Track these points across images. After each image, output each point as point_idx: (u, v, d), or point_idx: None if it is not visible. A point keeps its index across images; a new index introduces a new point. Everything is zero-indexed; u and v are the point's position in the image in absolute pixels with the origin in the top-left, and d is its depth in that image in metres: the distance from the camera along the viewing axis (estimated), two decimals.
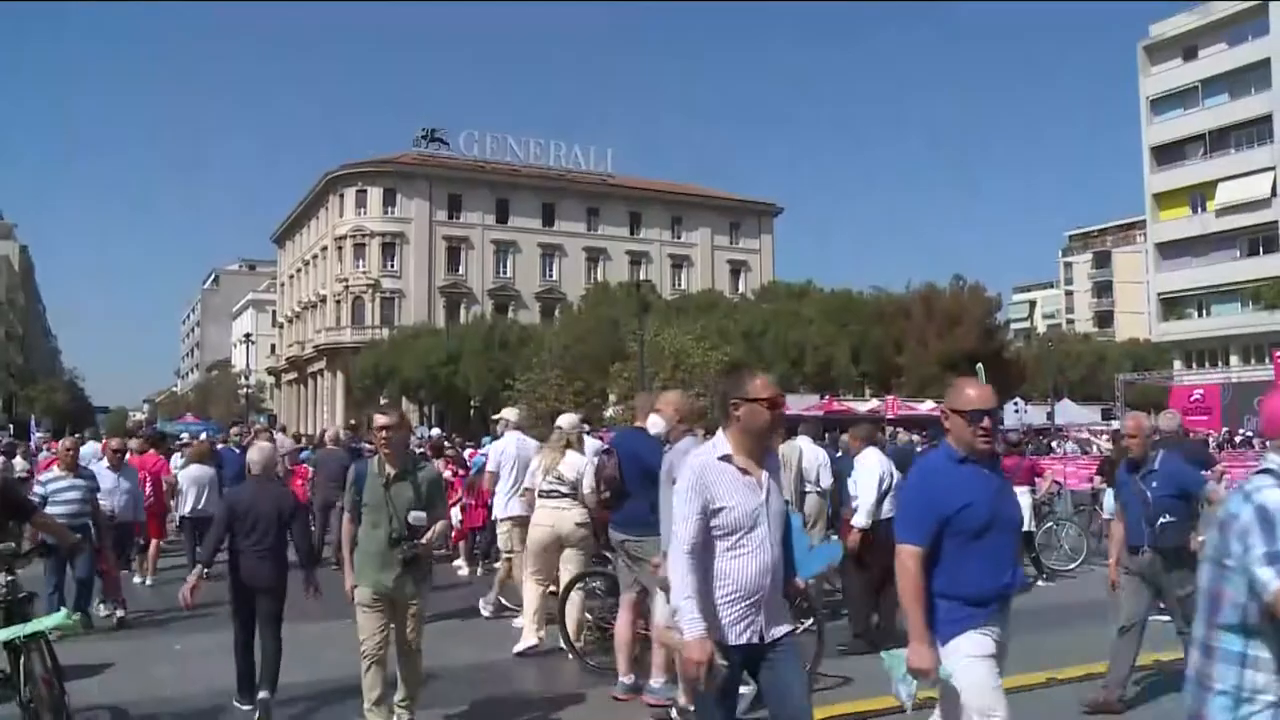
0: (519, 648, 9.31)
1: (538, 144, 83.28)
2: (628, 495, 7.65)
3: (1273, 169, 65.19)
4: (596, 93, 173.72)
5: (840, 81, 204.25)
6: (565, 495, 9.28)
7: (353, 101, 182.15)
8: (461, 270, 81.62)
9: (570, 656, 8.80)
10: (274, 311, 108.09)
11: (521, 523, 10.21)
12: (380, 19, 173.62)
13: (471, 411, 63.07)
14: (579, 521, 9.23)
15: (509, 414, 12.01)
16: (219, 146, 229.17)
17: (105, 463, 12.20)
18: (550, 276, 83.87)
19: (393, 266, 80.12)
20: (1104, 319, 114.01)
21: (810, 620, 8.09)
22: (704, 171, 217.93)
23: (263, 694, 7.34)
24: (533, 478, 9.66)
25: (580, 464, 9.34)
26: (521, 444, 11.07)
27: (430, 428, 44.84)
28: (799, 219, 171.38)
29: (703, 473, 4.31)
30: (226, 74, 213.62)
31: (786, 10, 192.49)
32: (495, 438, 12.94)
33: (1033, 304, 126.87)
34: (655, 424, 7.75)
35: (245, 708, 7.58)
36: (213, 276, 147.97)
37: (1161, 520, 7.44)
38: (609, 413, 40.22)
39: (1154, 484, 7.52)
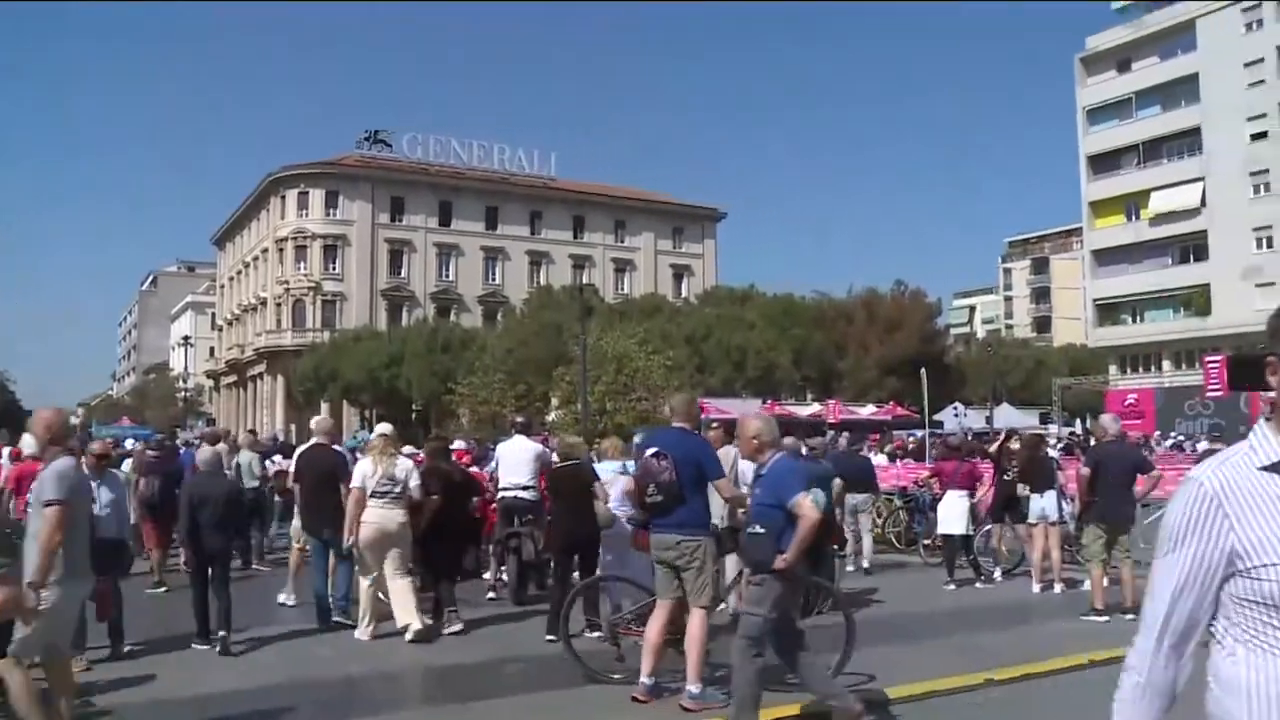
0: (408, 636, 9.96)
1: (481, 147, 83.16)
2: (682, 499, 7.54)
3: (1202, 179, 66.64)
4: (540, 96, 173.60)
5: (783, 88, 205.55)
6: (395, 496, 10.27)
7: (295, 102, 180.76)
8: (404, 273, 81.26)
9: (568, 658, 8.56)
10: (213, 314, 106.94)
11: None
12: (322, 18, 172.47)
13: (413, 415, 62.81)
14: (401, 521, 10.29)
15: (316, 422, 12.69)
16: (158, 146, 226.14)
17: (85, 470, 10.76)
18: (493, 280, 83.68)
19: (334, 269, 79.58)
20: (1042, 324, 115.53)
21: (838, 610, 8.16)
22: (647, 176, 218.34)
23: (221, 633, 9.52)
24: (362, 479, 10.29)
25: (408, 467, 10.55)
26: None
27: (371, 432, 44.57)
28: (742, 224, 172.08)
29: (1224, 494, 2.26)
30: (166, 73, 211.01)
31: (728, 14, 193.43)
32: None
33: (972, 309, 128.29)
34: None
35: (203, 647, 9.57)
36: (151, 278, 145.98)
37: (749, 530, 6.97)
38: (551, 416, 40.22)
39: (757, 490, 7.10)
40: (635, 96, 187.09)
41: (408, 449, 13.94)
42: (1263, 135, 64.13)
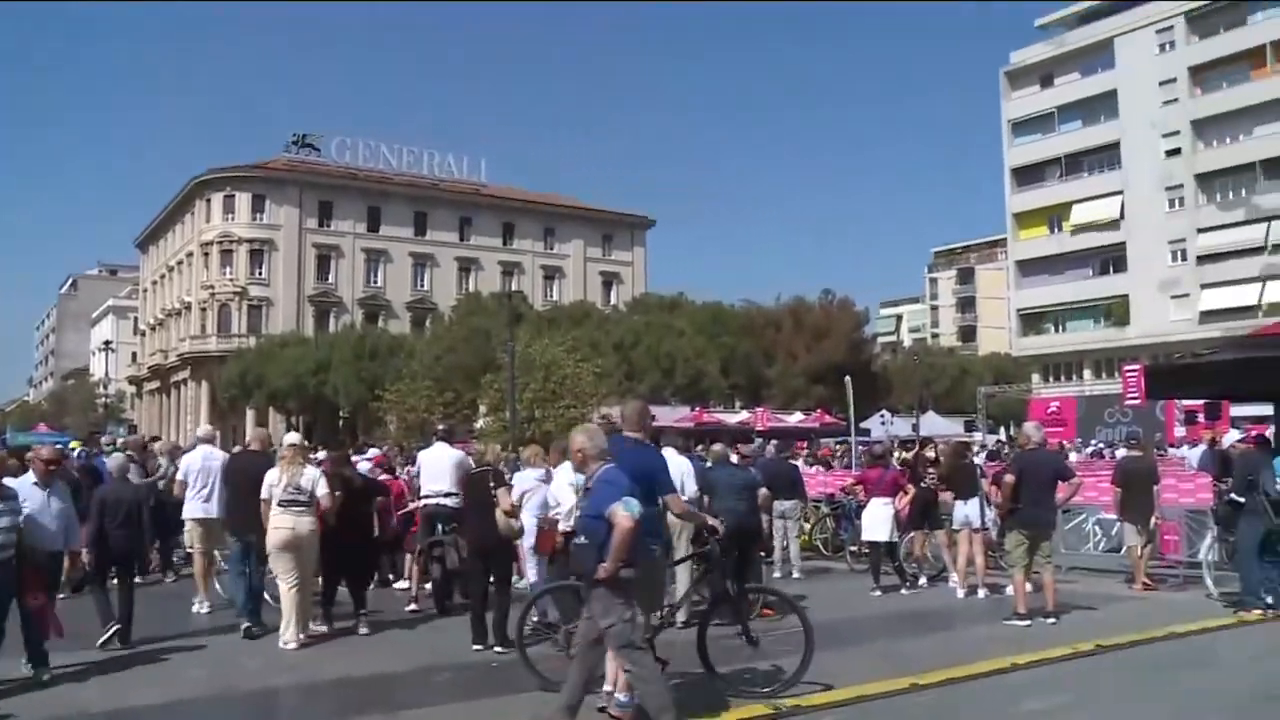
0: (281, 641, 10.21)
1: (410, 152, 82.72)
2: None
3: (1121, 193, 68.21)
4: (471, 102, 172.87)
5: (712, 97, 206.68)
6: (303, 504, 10.44)
7: (222, 104, 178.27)
8: (331, 279, 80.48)
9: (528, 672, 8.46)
10: (136, 318, 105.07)
11: (203, 524, 12.46)
12: (251, 19, 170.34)
13: (341, 422, 62.20)
14: (311, 528, 10.50)
15: (201, 431, 13.33)
16: (80, 147, 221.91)
17: (31, 477, 9.44)
18: (422, 286, 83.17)
19: (261, 274, 78.59)
20: (967, 333, 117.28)
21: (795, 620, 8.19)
22: (577, 183, 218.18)
23: (117, 626, 10.08)
24: (269, 489, 10.49)
25: (315, 476, 10.69)
26: (208, 456, 12.66)
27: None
28: (671, 232, 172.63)
29: None
30: (88, 72, 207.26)
31: (659, 19, 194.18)
32: (358, 451, 13.27)
33: (899, 318, 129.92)
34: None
35: (105, 637, 9.99)
36: (70, 281, 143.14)
37: (575, 542, 7.10)
38: (479, 423, 40.03)
39: (584, 502, 7.20)
40: (566, 104, 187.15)
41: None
42: (1176, 152, 65.83)
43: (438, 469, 12.49)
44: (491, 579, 10.35)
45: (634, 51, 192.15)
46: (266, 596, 11.13)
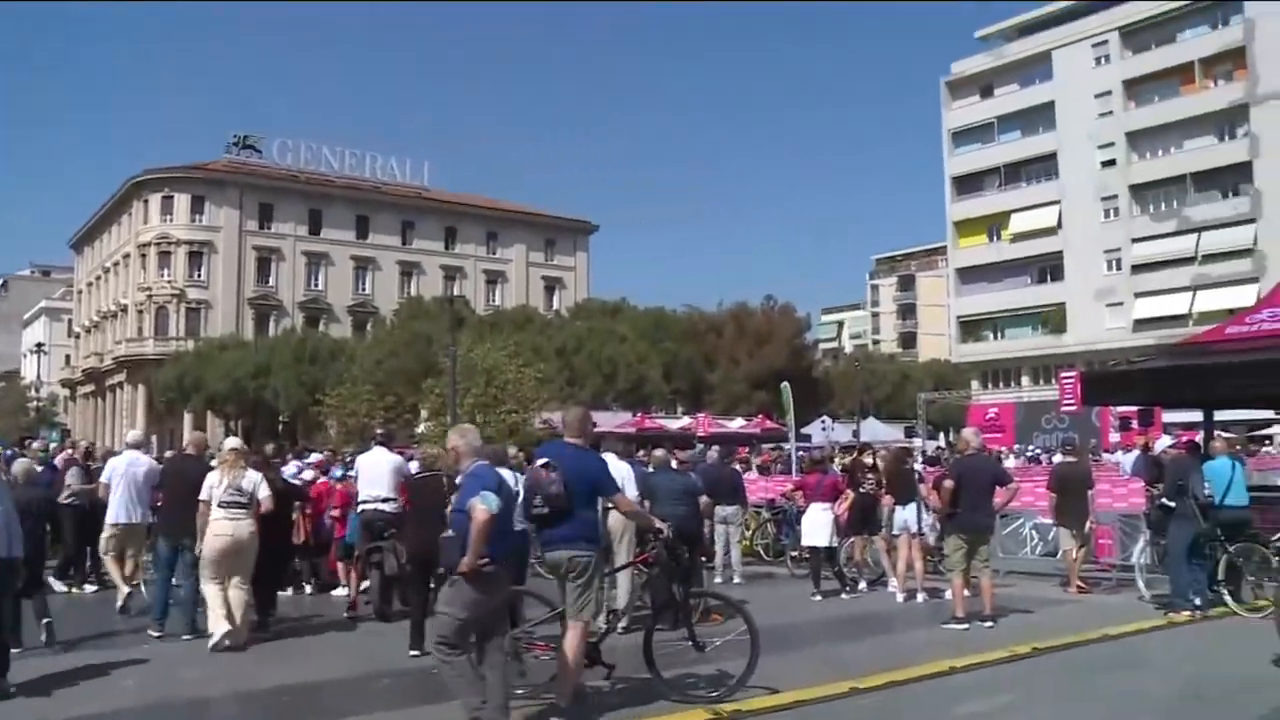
0: (212, 643, 10.17)
1: (352, 155, 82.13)
2: (570, 511, 7.55)
3: (1058, 202, 69.40)
4: (414, 105, 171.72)
5: (653, 101, 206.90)
6: (243, 506, 10.51)
7: (161, 104, 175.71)
8: (272, 281, 79.68)
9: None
10: (70, 320, 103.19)
11: (124, 529, 12.57)
12: (193, 16, 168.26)
13: (280, 426, 61.57)
14: (251, 531, 10.54)
15: (130, 436, 13.50)
16: (11, 144, 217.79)
17: None
18: (363, 290, 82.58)
19: (200, 276, 77.60)
20: (908, 340, 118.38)
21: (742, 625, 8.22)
22: (520, 188, 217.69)
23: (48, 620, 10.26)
24: (209, 491, 10.52)
25: (256, 479, 10.70)
26: (134, 462, 12.79)
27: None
28: (614, 237, 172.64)
29: None
30: (22, 68, 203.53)
31: (603, 21, 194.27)
32: (298, 456, 13.28)
33: (841, 324, 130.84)
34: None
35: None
36: (1, 282, 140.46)
37: (444, 535, 7.19)
38: (420, 428, 39.80)
39: (455, 498, 7.33)
40: (510, 108, 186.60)
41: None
42: (1111, 163, 67.13)
43: (376, 473, 12.38)
44: (432, 585, 10.32)
45: (578, 56, 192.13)
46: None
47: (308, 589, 14.47)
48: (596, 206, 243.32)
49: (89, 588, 14.84)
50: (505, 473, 10.62)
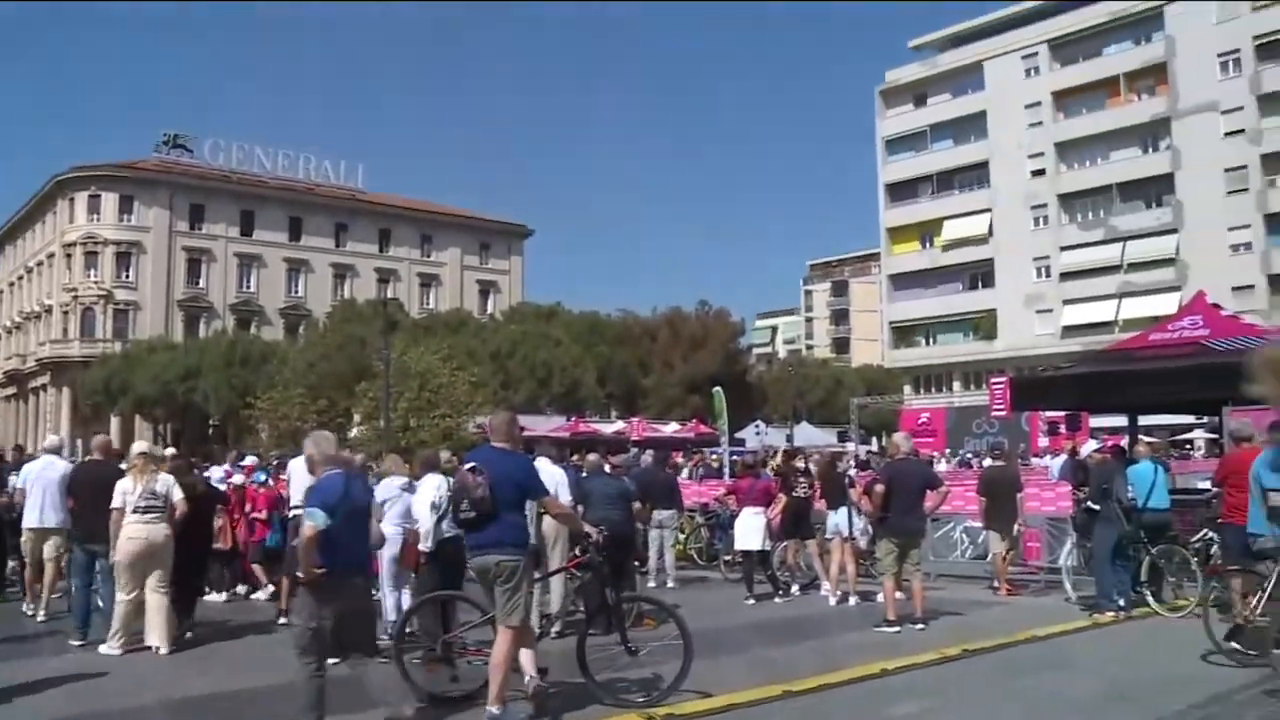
0: (106, 647, 10.18)
1: (286, 155, 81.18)
2: (497, 516, 7.53)
3: (989, 210, 70.44)
4: (349, 105, 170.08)
5: (587, 106, 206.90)
6: (158, 510, 10.48)
7: (88, 99, 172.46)
8: (202, 283, 78.52)
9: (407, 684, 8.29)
10: None
11: (39, 534, 12.19)
12: (122, 11, 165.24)
13: (210, 430, 60.75)
14: (166, 535, 10.51)
15: (48, 440, 13.42)
16: None
17: None
18: (296, 292, 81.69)
19: (128, 277, 76.28)
20: (841, 345, 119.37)
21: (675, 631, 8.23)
22: (456, 191, 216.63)
23: None
24: (123, 497, 10.44)
25: (169, 482, 10.75)
26: (49, 465, 12.56)
27: (165, 447, 42.97)
28: (549, 241, 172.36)
29: None
30: None
31: (537, 26, 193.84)
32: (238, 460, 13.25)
33: (774, 330, 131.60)
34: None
35: None
36: None
37: (292, 543, 7.39)
38: (353, 432, 39.50)
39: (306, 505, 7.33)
40: (444, 111, 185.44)
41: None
42: (1041, 173, 68.34)
43: (308, 478, 12.29)
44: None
45: (512, 59, 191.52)
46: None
47: (225, 595, 14.32)
48: (532, 210, 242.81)
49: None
50: (436, 478, 10.65)
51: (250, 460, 18.19)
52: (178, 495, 10.66)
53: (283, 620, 12.16)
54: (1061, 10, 69.29)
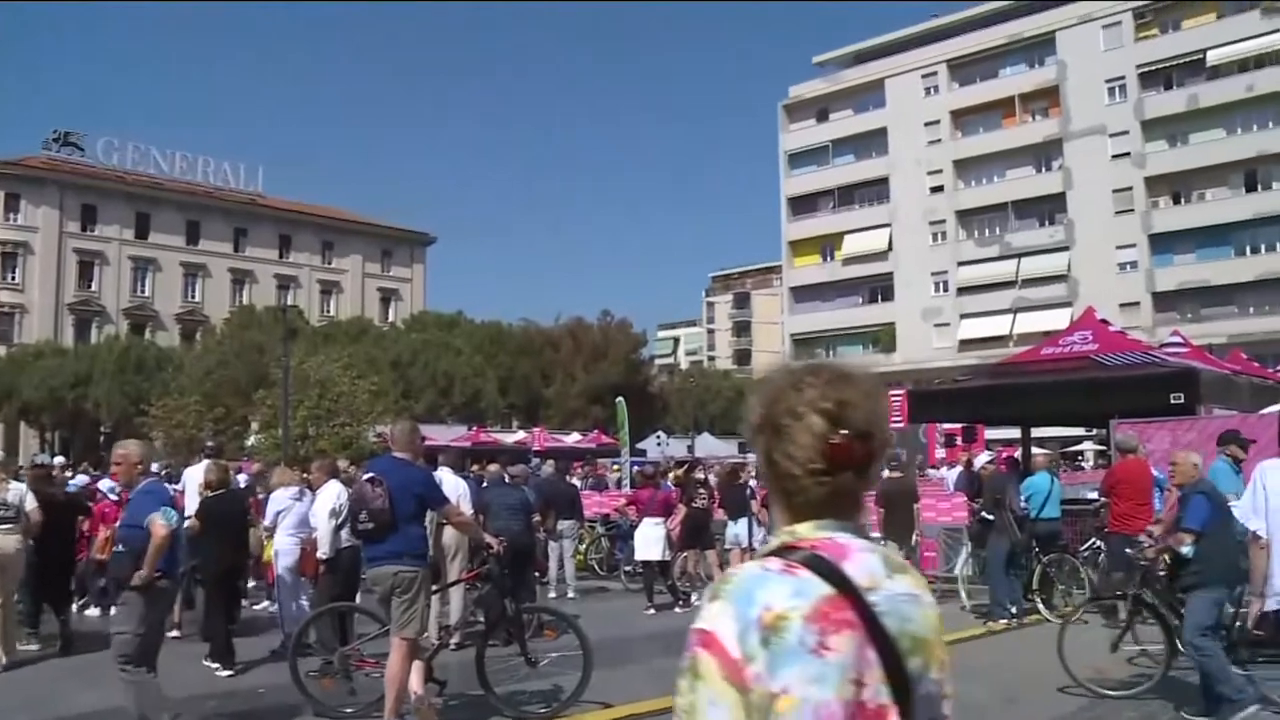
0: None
1: (184, 157, 79.34)
2: (395, 526, 7.45)
3: (889, 225, 71.70)
4: (248, 108, 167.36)
5: (489, 115, 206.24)
6: (10, 520, 10.38)
7: None
8: (94, 286, 76.42)
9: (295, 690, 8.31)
10: None
11: None
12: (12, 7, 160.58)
13: (101, 438, 59.23)
14: (17, 546, 10.42)
15: None
16: None
17: None
18: (193, 297, 79.97)
19: (14, 278, 73.90)
20: (743, 357, 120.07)
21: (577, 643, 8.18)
22: (358, 197, 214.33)
23: None
24: None
25: (21, 491, 10.63)
26: None
27: (53, 455, 41.84)
28: (452, 250, 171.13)
29: None
30: None
31: (444, 30, 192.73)
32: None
33: (677, 341, 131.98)
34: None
35: None
36: None
37: (115, 550, 7.18)
38: (250, 441, 38.86)
39: (125, 513, 7.24)
40: (346, 114, 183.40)
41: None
42: (939, 189, 69.77)
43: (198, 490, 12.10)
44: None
45: (414, 63, 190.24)
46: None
47: (99, 609, 13.90)
48: (434, 218, 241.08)
49: None
50: (336, 486, 10.53)
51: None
52: (31, 505, 10.48)
53: (174, 634, 11.92)
54: (960, 32, 71.12)
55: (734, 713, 1.62)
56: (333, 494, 10.21)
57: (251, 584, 14.05)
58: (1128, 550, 10.02)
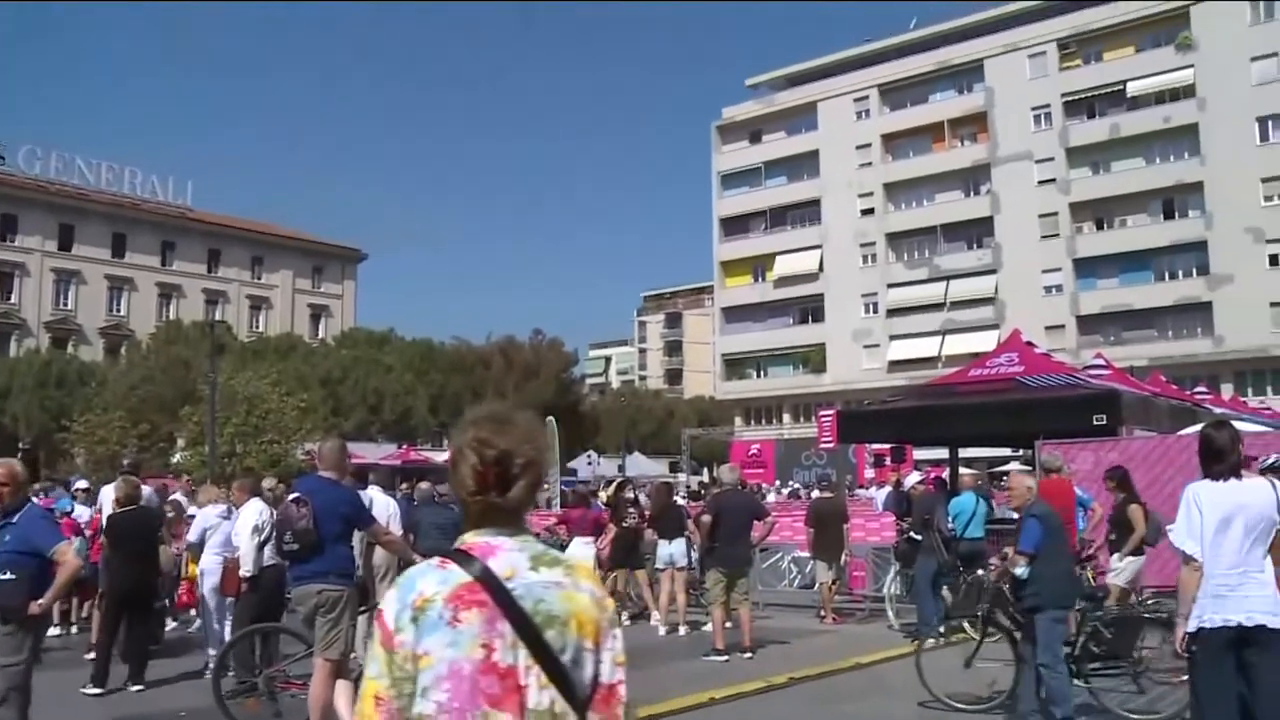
0: None
1: (110, 168, 77.79)
2: (320, 547, 7.36)
3: (820, 247, 72.34)
4: (177, 120, 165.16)
5: (420, 132, 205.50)
6: None
7: None
8: (14, 298, 74.68)
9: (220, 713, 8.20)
10: None
11: None
12: None
13: (20, 454, 57.87)
14: None
15: None
16: None
17: None
18: (118, 311, 78.46)
19: None
20: (674, 376, 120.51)
21: None
22: (289, 212, 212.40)
23: None
24: None
25: None
26: None
27: None
28: (383, 267, 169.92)
29: None
30: None
31: (376, 46, 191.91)
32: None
33: (608, 360, 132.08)
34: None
35: None
36: None
37: (3, 578, 6.54)
38: (176, 457, 38.27)
39: (7, 537, 6.68)
40: (277, 129, 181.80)
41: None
42: (870, 212, 70.62)
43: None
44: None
45: (348, 79, 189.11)
46: None
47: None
48: (366, 234, 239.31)
49: None
50: (258, 503, 10.41)
51: (82, 484, 17.35)
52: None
53: (90, 656, 11.68)
54: (891, 57, 72.26)
55: (381, 668, 2.32)
56: (255, 512, 10.06)
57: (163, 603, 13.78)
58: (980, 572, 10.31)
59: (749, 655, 11.77)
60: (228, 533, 10.39)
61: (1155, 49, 62.02)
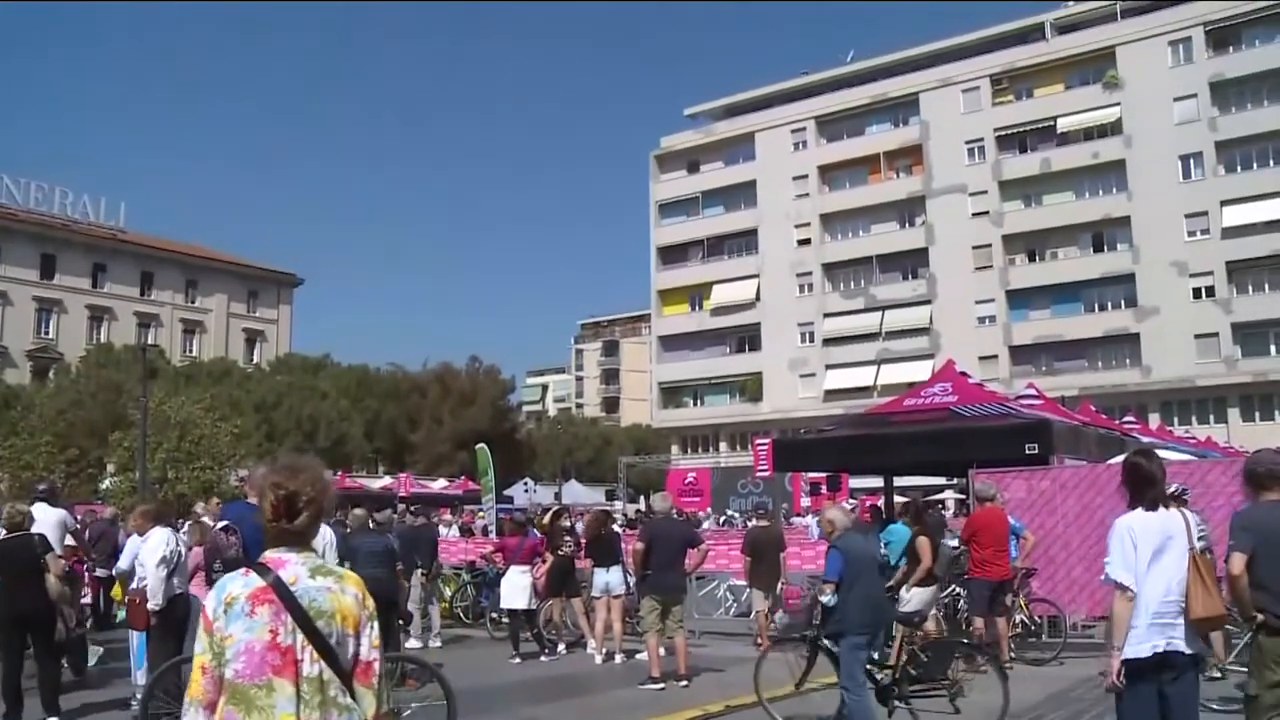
0: None
1: (39, 188, 76.35)
2: None
3: (758, 276, 72.86)
4: (110, 140, 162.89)
5: (357, 158, 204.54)
6: None
7: None
8: None
9: None
10: None
11: None
12: None
13: None
14: None
15: None
16: None
17: None
18: (46, 334, 76.99)
19: None
20: (611, 404, 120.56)
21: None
22: (224, 236, 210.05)
23: None
24: None
25: None
26: None
27: None
28: (320, 292, 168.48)
29: None
30: None
31: (310, 75, 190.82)
32: None
33: (545, 387, 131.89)
34: None
35: None
36: None
37: None
38: (105, 484, 37.51)
39: None
40: (212, 151, 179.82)
41: None
42: (807, 242, 71.29)
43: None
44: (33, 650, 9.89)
45: (285, 102, 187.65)
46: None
47: None
48: (302, 260, 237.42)
49: None
50: (164, 532, 10.22)
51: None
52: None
53: None
54: (828, 90, 73.18)
55: (205, 646, 3.30)
56: (160, 540, 9.81)
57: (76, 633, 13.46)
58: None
59: (685, 683, 11.74)
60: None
61: (1083, 86, 63.52)
